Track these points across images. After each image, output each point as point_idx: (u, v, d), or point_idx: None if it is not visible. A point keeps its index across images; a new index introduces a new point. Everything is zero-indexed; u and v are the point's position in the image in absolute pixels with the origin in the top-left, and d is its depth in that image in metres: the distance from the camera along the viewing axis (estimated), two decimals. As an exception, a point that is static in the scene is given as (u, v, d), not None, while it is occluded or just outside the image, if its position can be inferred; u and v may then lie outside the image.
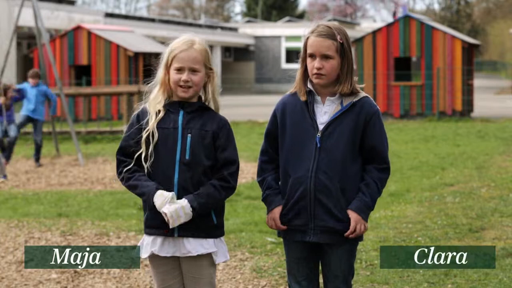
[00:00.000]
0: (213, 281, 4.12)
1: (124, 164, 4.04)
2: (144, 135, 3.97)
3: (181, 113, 4.02)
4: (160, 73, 4.06)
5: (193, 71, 3.99)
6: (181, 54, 4.00)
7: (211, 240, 4.04)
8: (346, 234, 4.07)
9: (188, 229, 3.99)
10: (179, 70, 3.99)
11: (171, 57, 4.02)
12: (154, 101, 4.04)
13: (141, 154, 3.99)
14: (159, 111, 4.01)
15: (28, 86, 14.90)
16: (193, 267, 4.06)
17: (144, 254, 4.09)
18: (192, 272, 4.07)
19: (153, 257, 4.08)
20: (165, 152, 3.97)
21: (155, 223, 4.02)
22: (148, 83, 4.16)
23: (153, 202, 3.93)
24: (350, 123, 4.08)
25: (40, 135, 14.87)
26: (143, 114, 4.07)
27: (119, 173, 4.06)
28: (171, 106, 4.03)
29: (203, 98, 4.09)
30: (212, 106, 4.08)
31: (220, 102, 4.13)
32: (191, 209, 3.92)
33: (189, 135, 3.97)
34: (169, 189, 3.96)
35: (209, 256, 4.05)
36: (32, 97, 14.80)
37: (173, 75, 4.00)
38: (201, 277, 4.07)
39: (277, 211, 4.16)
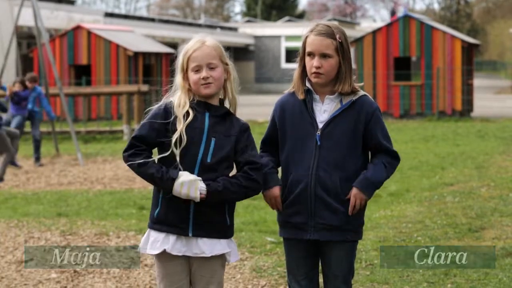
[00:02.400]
0: (222, 281, 4.10)
1: (138, 148, 3.94)
2: (174, 138, 3.92)
3: (207, 115, 4.00)
4: (178, 78, 4.04)
5: (210, 67, 3.99)
6: (195, 53, 3.99)
7: (224, 241, 4.03)
8: (349, 212, 4.07)
9: (203, 229, 3.97)
10: (197, 70, 3.98)
11: (186, 59, 4.01)
12: (179, 106, 3.99)
13: (166, 155, 3.93)
14: (188, 113, 3.97)
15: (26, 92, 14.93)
16: (205, 267, 4.03)
17: (154, 251, 4.00)
18: (203, 273, 4.03)
19: (162, 255, 4.01)
20: (188, 153, 3.94)
21: (170, 220, 3.96)
22: (148, 83, 4.16)
23: (174, 184, 3.87)
24: (350, 122, 4.09)
25: (37, 130, 14.88)
26: (169, 111, 3.99)
27: (131, 154, 3.94)
28: (198, 106, 4.01)
29: (222, 96, 4.08)
30: (230, 103, 4.08)
31: (238, 100, 4.11)
32: (204, 187, 3.88)
33: (214, 138, 3.97)
34: None
35: (221, 257, 4.05)
36: (29, 98, 14.89)
37: (192, 76, 3.99)
38: (212, 277, 4.04)
39: (277, 189, 4.15)
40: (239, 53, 49.76)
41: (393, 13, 54.77)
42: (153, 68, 26.49)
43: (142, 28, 37.03)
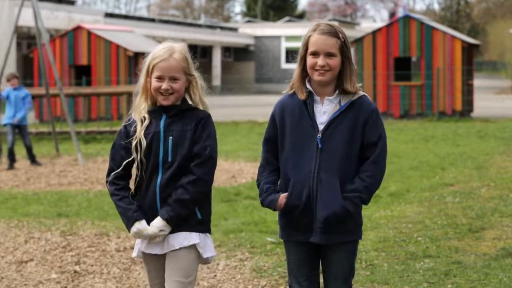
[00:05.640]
0: (190, 273, 4.11)
1: (114, 174, 4.18)
2: (134, 142, 4.10)
3: (163, 117, 4.12)
4: (141, 80, 4.19)
5: (173, 79, 4.10)
6: (161, 63, 4.10)
7: (195, 234, 4.10)
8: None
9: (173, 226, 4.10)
10: (160, 78, 4.10)
11: (151, 66, 4.13)
12: (137, 108, 4.17)
13: (131, 161, 4.13)
14: (144, 118, 4.13)
15: (10, 90, 14.72)
16: (173, 258, 4.11)
17: (134, 253, 4.27)
18: (172, 265, 4.11)
19: (143, 255, 4.22)
20: (151, 156, 4.09)
21: None
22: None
23: (131, 231, 4.11)
24: (349, 122, 4.09)
25: (27, 138, 14.81)
26: (130, 122, 4.19)
27: (108, 181, 4.21)
28: (154, 113, 4.14)
29: (189, 101, 4.16)
30: (201, 107, 4.18)
31: (207, 102, 4.22)
32: (165, 223, 4.05)
33: (170, 137, 4.08)
34: (153, 191, 4.08)
35: (193, 249, 4.10)
36: (13, 103, 14.52)
37: (154, 82, 4.11)
38: (178, 267, 4.09)
39: (281, 201, 4.13)
40: (239, 53, 49.76)
41: (392, 14, 54.79)
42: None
43: (142, 29, 37.06)
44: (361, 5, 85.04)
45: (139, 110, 4.15)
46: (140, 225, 4.08)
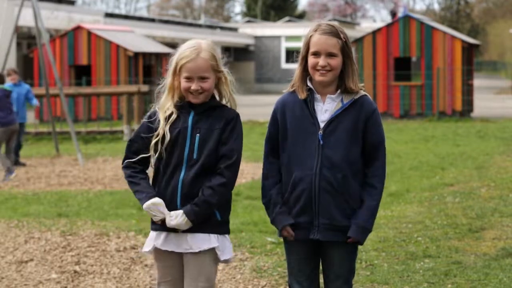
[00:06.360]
0: (212, 277, 4.11)
1: (130, 160, 4.11)
2: (153, 140, 4.04)
3: (192, 113, 4.07)
4: (168, 79, 4.12)
5: (202, 78, 4.04)
6: (189, 64, 4.03)
7: (214, 236, 4.07)
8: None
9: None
10: (188, 78, 4.04)
11: (179, 66, 4.06)
12: (163, 107, 4.10)
13: (148, 156, 4.07)
14: (172, 113, 4.06)
15: (11, 85, 14.64)
16: (194, 262, 4.06)
17: (146, 248, 4.15)
18: (191, 268, 4.07)
19: (156, 251, 4.13)
20: (175, 151, 4.03)
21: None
22: (148, 83, 4.23)
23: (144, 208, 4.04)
24: (351, 120, 4.10)
25: (21, 136, 14.85)
26: (154, 114, 4.13)
27: (124, 166, 4.14)
28: (183, 108, 4.09)
29: (218, 98, 4.13)
30: (230, 104, 4.14)
31: (237, 99, 4.19)
32: (186, 219, 3.98)
33: (198, 134, 4.03)
34: (175, 187, 4.01)
35: (212, 252, 4.07)
36: (14, 99, 14.32)
37: (183, 83, 4.06)
38: (199, 273, 4.06)
39: (289, 229, 4.16)
40: (239, 53, 49.75)
41: (393, 14, 54.78)
42: (153, 68, 26.50)
43: (142, 29, 37.04)
44: (361, 5, 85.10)
45: (164, 109, 4.09)
46: (158, 200, 3.99)
